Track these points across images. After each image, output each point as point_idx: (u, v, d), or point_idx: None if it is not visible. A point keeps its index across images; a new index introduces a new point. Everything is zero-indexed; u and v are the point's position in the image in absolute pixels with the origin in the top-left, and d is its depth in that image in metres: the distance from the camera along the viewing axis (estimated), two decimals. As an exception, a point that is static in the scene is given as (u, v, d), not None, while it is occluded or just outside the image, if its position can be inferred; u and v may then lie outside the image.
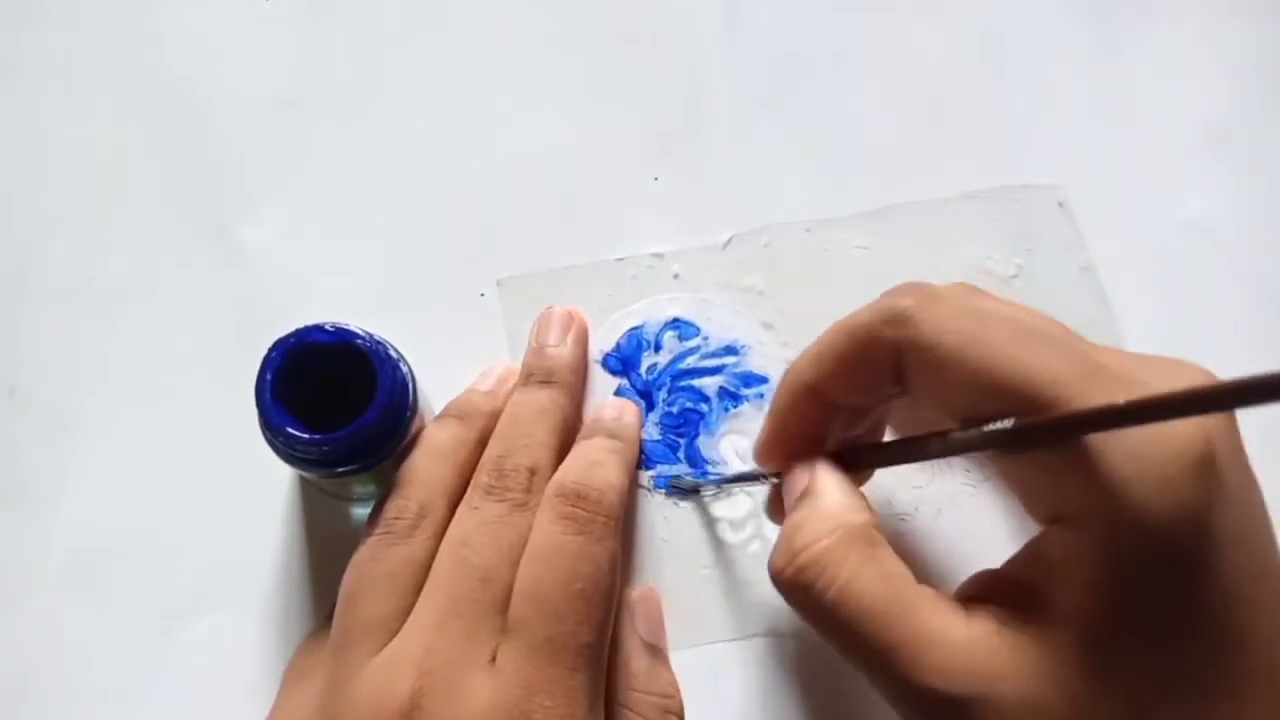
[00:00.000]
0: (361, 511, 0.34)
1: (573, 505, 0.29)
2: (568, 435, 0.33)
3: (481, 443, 0.32)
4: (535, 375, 0.34)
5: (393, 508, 0.30)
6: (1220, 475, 0.23)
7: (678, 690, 0.32)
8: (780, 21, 0.40)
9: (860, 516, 0.27)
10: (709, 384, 0.36)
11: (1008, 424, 0.24)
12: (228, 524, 0.35)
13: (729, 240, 0.38)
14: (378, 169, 0.39)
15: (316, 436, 0.29)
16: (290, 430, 0.29)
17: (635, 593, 0.33)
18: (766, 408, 0.31)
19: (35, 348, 0.37)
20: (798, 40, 0.40)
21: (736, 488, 0.35)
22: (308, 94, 0.40)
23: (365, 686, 0.27)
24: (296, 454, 0.30)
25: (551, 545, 0.29)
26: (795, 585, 0.26)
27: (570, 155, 0.39)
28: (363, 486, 0.33)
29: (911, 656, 0.24)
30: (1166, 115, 0.39)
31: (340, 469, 0.30)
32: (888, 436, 0.32)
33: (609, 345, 0.37)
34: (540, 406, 0.33)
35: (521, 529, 0.30)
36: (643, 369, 0.36)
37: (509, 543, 0.29)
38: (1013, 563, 0.27)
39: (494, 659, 0.28)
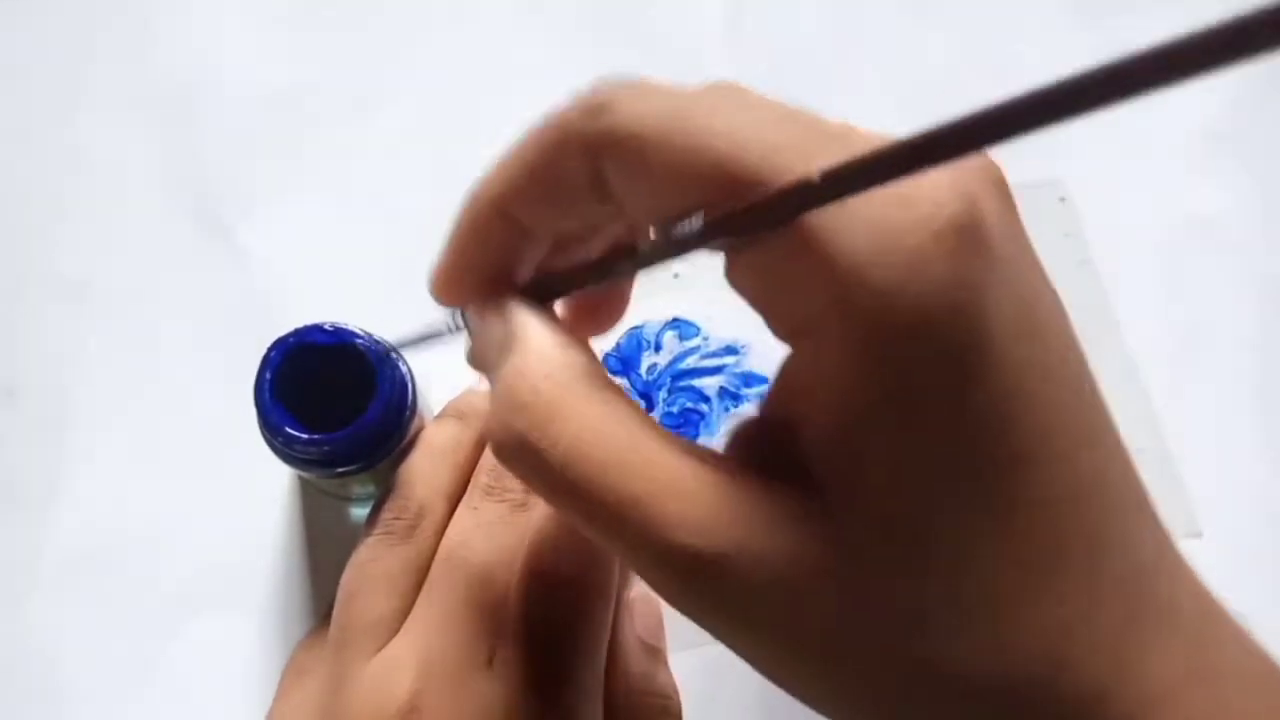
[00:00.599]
0: (361, 511, 0.34)
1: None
2: None
3: (481, 443, 0.32)
4: None
5: (392, 508, 0.30)
6: (990, 245, 0.18)
7: (676, 692, 0.32)
8: (781, 22, 0.40)
9: (578, 355, 0.22)
10: (709, 384, 0.36)
11: (697, 219, 0.19)
12: (228, 524, 0.35)
13: (729, 240, 0.38)
14: (378, 169, 0.39)
15: (316, 436, 0.29)
16: (290, 430, 0.29)
17: (634, 593, 0.33)
18: None
19: (35, 348, 0.37)
20: (798, 40, 0.40)
21: (429, 345, 0.29)
22: (308, 94, 0.40)
23: (365, 686, 0.27)
24: (296, 454, 0.30)
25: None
26: (520, 453, 0.21)
27: (570, 155, 0.39)
28: (362, 486, 0.33)
29: (654, 509, 0.20)
30: (1166, 115, 0.39)
31: (340, 469, 0.30)
32: None
33: (609, 345, 0.36)
34: None
35: (521, 530, 0.30)
36: (643, 369, 0.36)
37: (508, 544, 0.29)
38: (767, 401, 0.22)
39: (492, 660, 0.28)
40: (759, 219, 0.18)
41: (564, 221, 0.24)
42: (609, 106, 0.22)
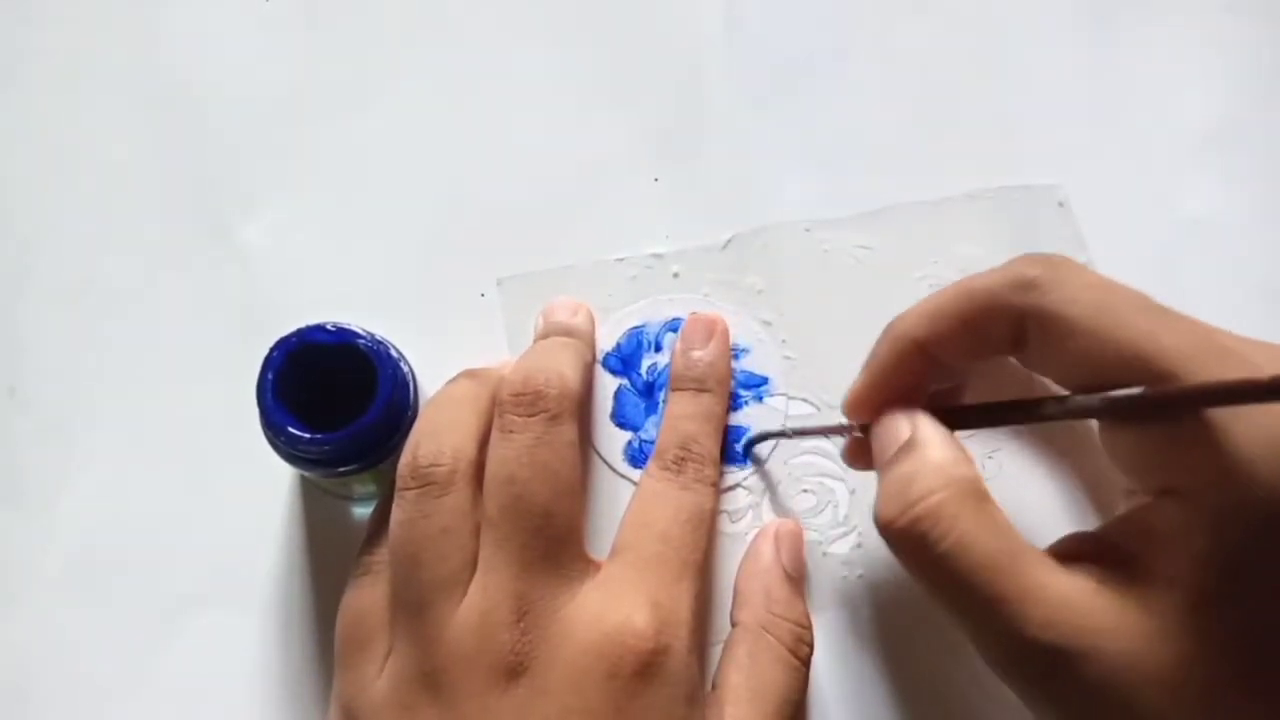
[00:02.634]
0: (362, 511, 0.34)
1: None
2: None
3: (495, 399, 0.32)
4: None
5: (426, 455, 0.30)
6: None
7: (810, 623, 0.32)
8: (780, 22, 0.40)
9: (971, 470, 0.27)
10: (709, 384, 0.36)
11: (1137, 391, 0.25)
12: (228, 524, 0.35)
13: (729, 240, 0.38)
14: (378, 169, 0.39)
15: (317, 436, 0.29)
16: (291, 430, 0.29)
17: (780, 525, 0.34)
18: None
19: (35, 348, 0.37)
20: (798, 41, 0.40)
21: (818, 437, 0.35)
22: (308, 94, 0.40)
23: (465, 641, 0.27)
24: (297, 454, 0.30)
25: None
26: (909, 536, 0.27)
27: (570, 155, 0.39)
28: (363, 486, 0.33)
29: (1019, 609, 0.25)
30: (1166, 115, 0.39)
31: (341, 469, 0.31)
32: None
33: (609, 345, 0.37)
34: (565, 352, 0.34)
35: (559, 446, 0.30)
36: (643, 369, 0.36)
37: (551, 466, 0.29)
38: (1109, 529, 0.28)
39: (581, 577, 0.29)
40: (1188, 402, 0.25)
41: (970, 362, 0.30)
42: (1040, 286, 0.28)
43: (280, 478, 0.35)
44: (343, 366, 0.30)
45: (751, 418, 0.36)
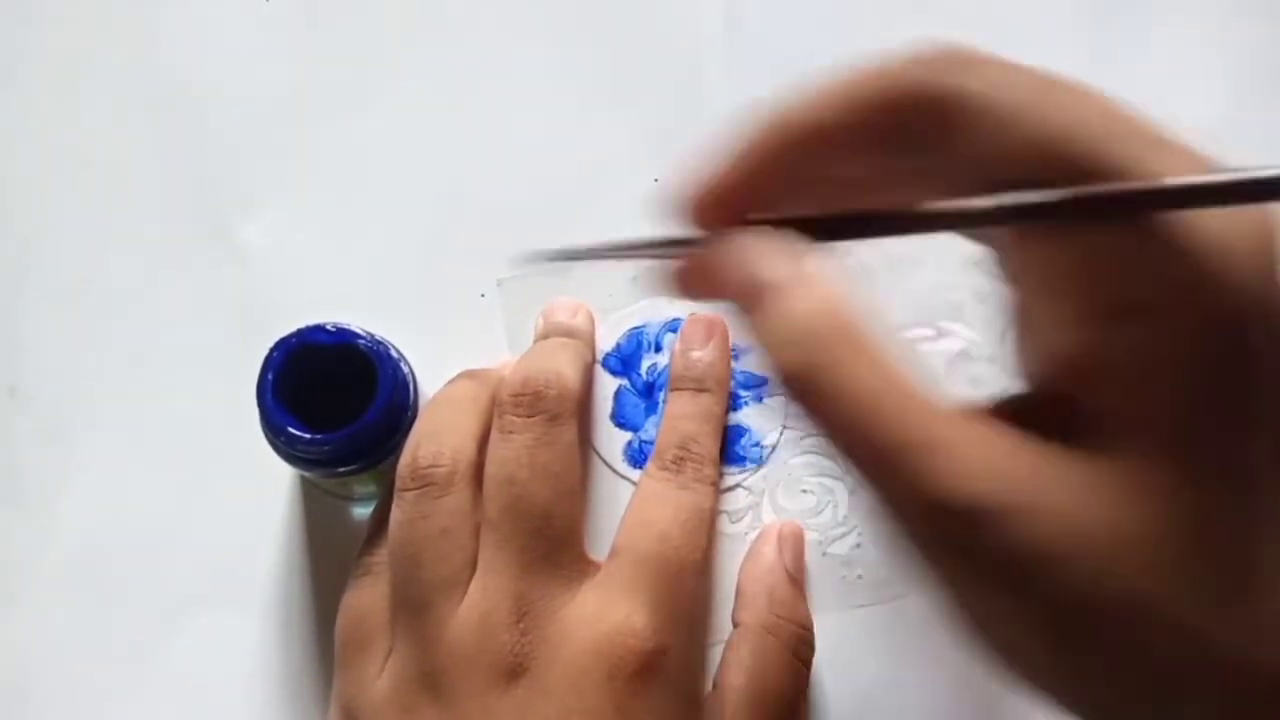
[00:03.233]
0: (362, 511, 0.34)
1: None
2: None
3: (494, 399, 0.32)
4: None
5: (425, 455, 0.30)
6: None
7: (812, 625, 0.32)
8: (780, 22, 0.40)
9: (854, 301, 0.22)
10: (709, 384, 0.36)
11: (1101, 187, 0.20)
12: (228, 524, 0.35)
13: (729, 240, 0.38)
14: (378, 169, 0.39)
15: (317, 436, 0.29)
16: (291, 430, 0.29)
17: (783, 526, 0.34)
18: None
19: (35, 348, 0.37)
20: (798, 41, 0.40)
21: (640, 254, 0.27)
22: (308, 94, 0.40)
23: (465, 642, 0.28)
24: (297, 454, 0.30)
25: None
26: (810, 381, 0.21)
27: (570, 155, 0.39)
28: (363, 486, 0.33)
29: (927, 458, 0.20)
30: (1166, 115, 0.39)
31: (341, 469, 0.31)
32: None
33: (609, 345, 0.37)
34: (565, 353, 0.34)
35: (559, 447, 0.30)
36: (643, 369, 0.36)
37: (552, 467, 0.29)
38: (1044, 379, 0.22)
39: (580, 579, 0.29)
40: (1118, 207, 0.20)
41: (864, 160, 0.23)
42: (965, 67, 0.22)
43: (280, 478, 0.35)
44: (343, 366, 0.30)
45: (751, 418, 0.36)
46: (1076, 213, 0.20)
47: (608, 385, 0.36)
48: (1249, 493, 0.20)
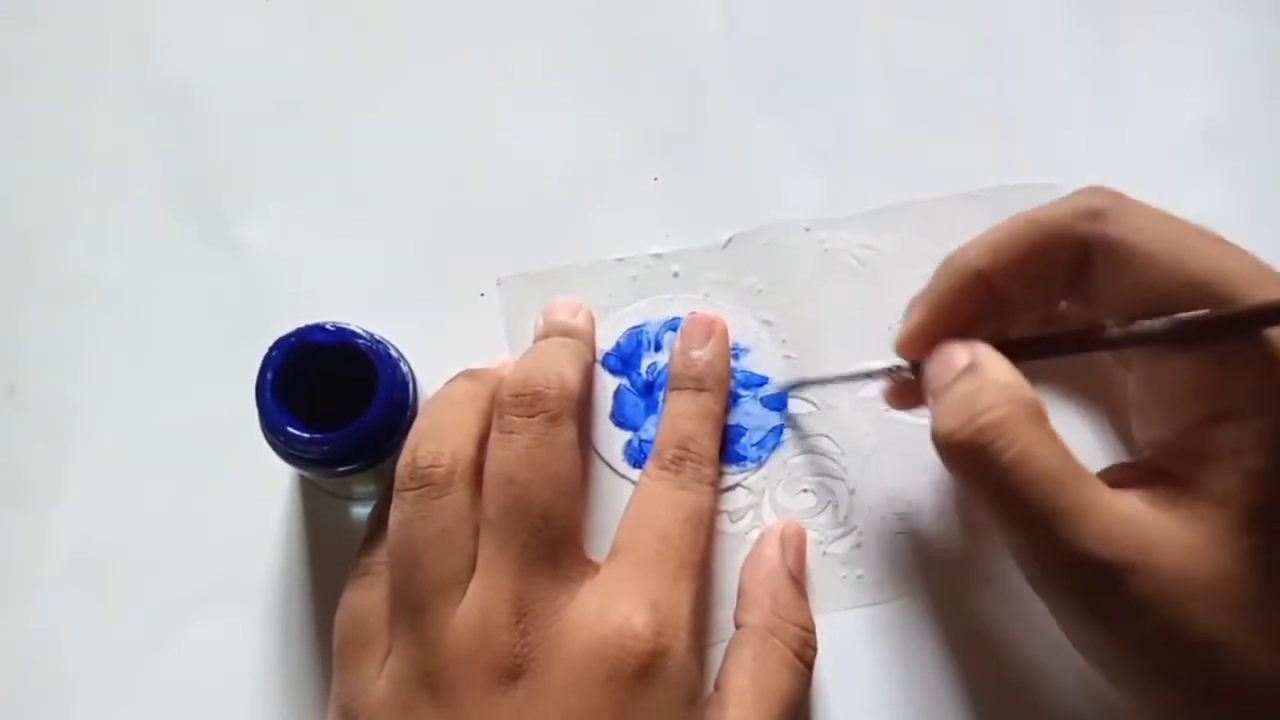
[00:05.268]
0: (362, 511, 0.34)
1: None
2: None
3: (494, 399, 0.32)
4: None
5: (425, 455, 0.30)
6: None
7: (814, 627, 0.32)
8: (780, 22, 0.40)
9: (1033, 392, 0.28)
10: (709, 384, 0.36)
11: (1204, 312, 0.26)
12: (228, 524, 0.35)
13: (729, 240, 0.38)
14: (378, 168, 0.39)
15: (317, 436, 0.29)
16: (291, 430, 0.29)
17: (785, 527, 0.34)
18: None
19: (35, 348, 0.37)
20: (798, 40, 0.40)
21: (867, 381, 0.35)
22: (308, 94, 0.40)
23: (464, 642, 0.28)
24: (297, 453, 0.30)
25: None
26: (972, 447, 0.27)
27: (570, 155, 0.39)
28: (363, 486, 0.33)
29: (1078, 523, 0.26)
30: (1166, 115, 0.39)
31: (341, 468, 0.31)
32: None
33: (609, 345, 0.37)
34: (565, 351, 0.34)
35: (560, 447, 0.30)
36: (643, 368, 0.36)
37: (552, 467, 0.29)
38: (1156, 456, 0.29)
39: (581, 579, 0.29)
40: (1243, 324, 0.26)
41: (1032, 295, 0.30)
42: (1105, 215, 0.29)
43: (280, 478, 0.35)
44: (343, 366, 0.30)
45: (751, 418, 0.36)
46: (1200, 335, 0.27)
47: (607, 384, 0.36)
48: None
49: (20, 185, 0.39)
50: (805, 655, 0.31)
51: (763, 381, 0.36)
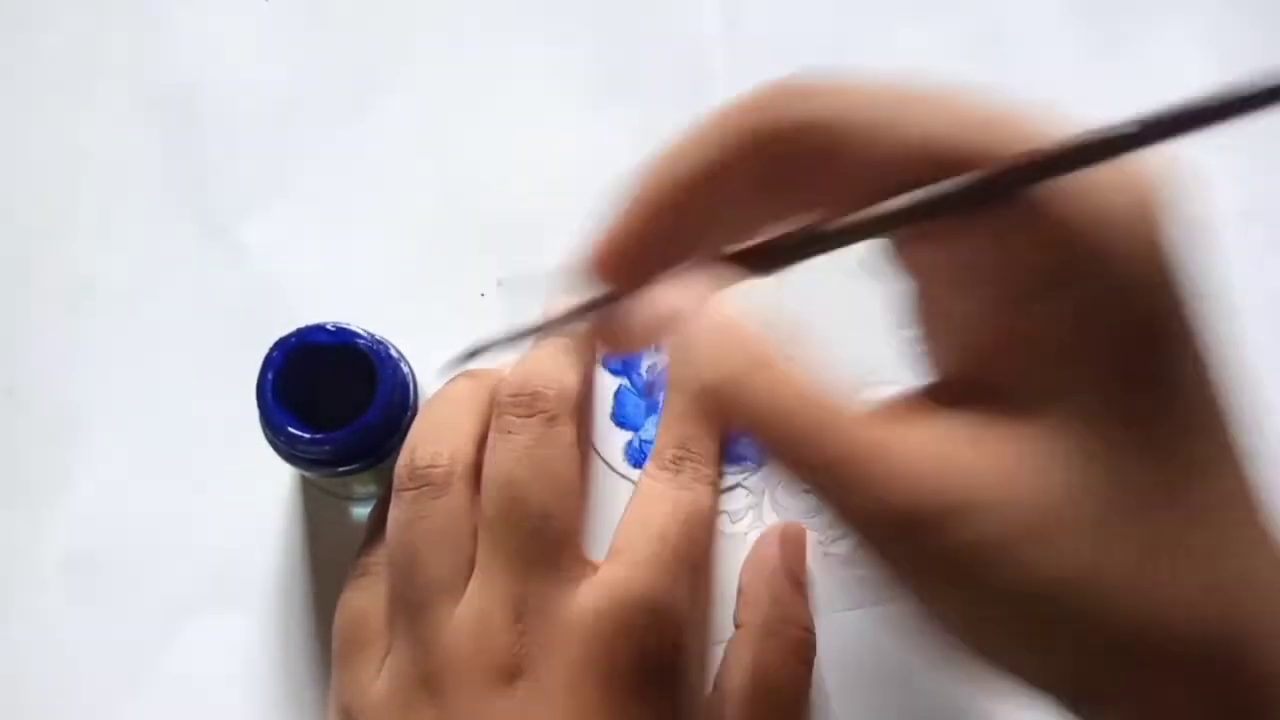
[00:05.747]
0: (362, 511, 0.34)
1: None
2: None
3: (493, 398, 0.32)
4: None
5: (423, 456, 0.29)
6: (1171, 228, 0.21)
7: (814, 627, 0.32)
8: (780, 21, 0.40)
9: (774, 326, 0.22)
10: (709, 384, 0.36)
11: (971, 176, 0.20)
12: (228, 524, 0.35)
13: (729, 240, 0.38)
14: (378, 169, 0.39)
15: (318, 436, 0.29)
16: (291, 430, 0.29)
17: (785, 527, 0.34)
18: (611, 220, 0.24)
19: (35, 348, 0.37)
20: (798, 40, 0.40)
21: (556, 329, 0.28)
22: (308, 94, 0.40)
23: (463, 643, 0.27)
24: (297, 454, 0.30)
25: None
26: (739, 393, 0.22)
27: (570, 155, 0.39)
28: (363, 486, 0.33)
29: (859, 469, 0.20)
30: (1166, 115, 0.39)
31: (341, 468, 0.31)
32: None
33: (609, 345, 0.37)
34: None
35: (560, 447, 0.30)
36: (643, 369, 0.36)
37: (551, 466, 0.29)
38: (950, 375, 0.23)
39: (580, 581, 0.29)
40: (984, 193, 0.20)
41: (741, 208, 0.24)
42: (808, 95, 0.22)
43: (280, 478, 0.35)
44: (343, 367, 0.30)
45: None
46: (960, 203, 0.21)
47: (608, 385, 0.36)
48: (1168, 457, 0.20)
49: (21, 185, 0.39)
50: (804, 655, 0.31)
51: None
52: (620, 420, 0.36)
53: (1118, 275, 0.20)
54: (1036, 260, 0.20)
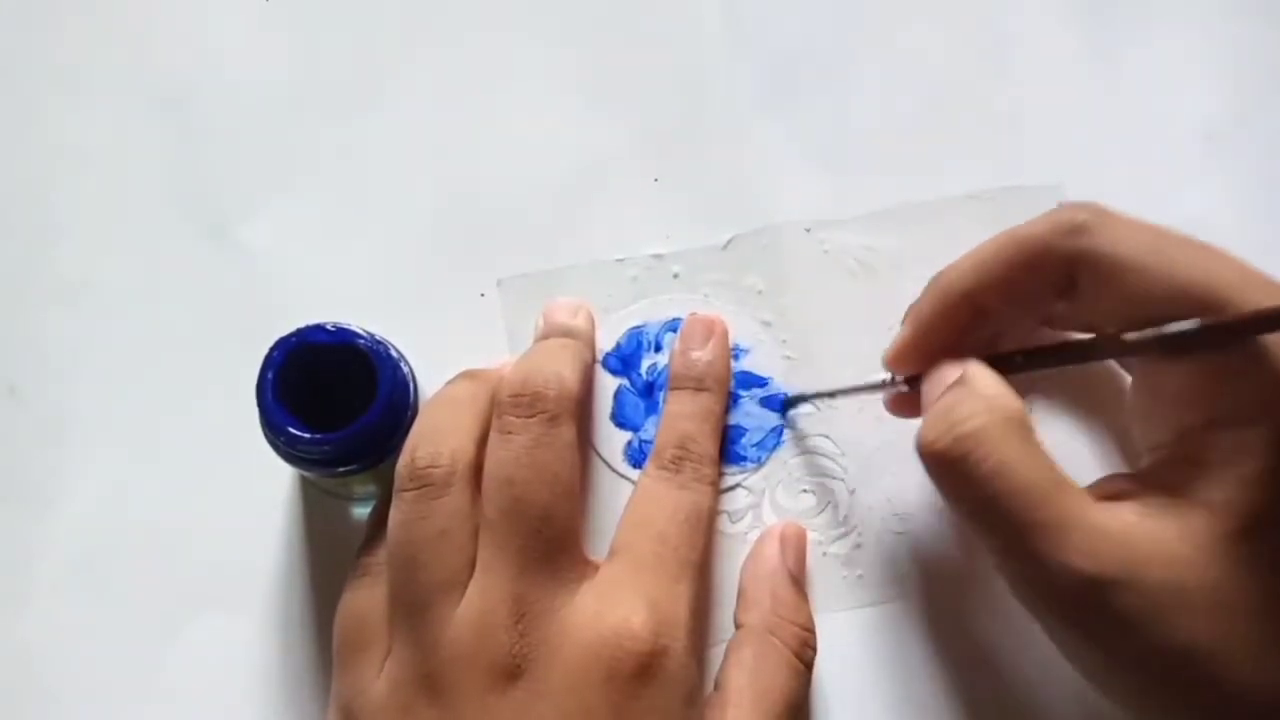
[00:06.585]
0: (362, 511, 0.34)
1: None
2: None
3: (493, 400, 0.32)
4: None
5: (424, 456, 0.29)
6: None
7: (814, 626, 0.32)
8: (780, 21, 0.40)
9: (1017, 403, 0.28)
10: (709, 384, 0.36)
11: (1193, 322, 0.26)
12: (228, 524, 0.35)
13: (729, 240, 0.38)
14: (378, 169, 0.39)
15: (317, 436, 0.29)
16: (291, 430, 0.29)
17: (785, 527, 0.34)
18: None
19: (35, 348, 0.37)
20: (798, 40, 0.40)
21: (859, 395, 0.35)
22: (308, 94, 0.40)
23: (463, 643, 0.28)
24: (297, 454, 0.30)
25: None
26: (949, 456, 0.27)
27: (570, 155, 0.39)
28: (363, 486, 0.33)
29: (1059, 537, 0.26)
30: (1166, 115, 0.39)
31: (341, 469, 0.31)
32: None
33: (609, 345, 0.37)
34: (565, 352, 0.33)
35: (559, 447, 0.30)
36: (643, 369, 0.36)
37: (551, 467, 0.29)
38: (1150, 467, 0.29)
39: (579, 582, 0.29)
40: (1246, 330, 0.26)
41: (1020, 310, 0.31)
42: (1089, 230, 0.28)
43: (280, 478, 0.35)
44: (343, 367, 0.30)
45: (751, 418, 0.36)
46: (1192, 343, 0.26)
47: (608, 385, 0.36)
48: None
49: (20, 185, 0.39)
50: (805, 655, 0.31)
51: (763, 382, 0.36)
52: (620, 420, 0.36)
53: None
54: (1237, 393, 0.26)
